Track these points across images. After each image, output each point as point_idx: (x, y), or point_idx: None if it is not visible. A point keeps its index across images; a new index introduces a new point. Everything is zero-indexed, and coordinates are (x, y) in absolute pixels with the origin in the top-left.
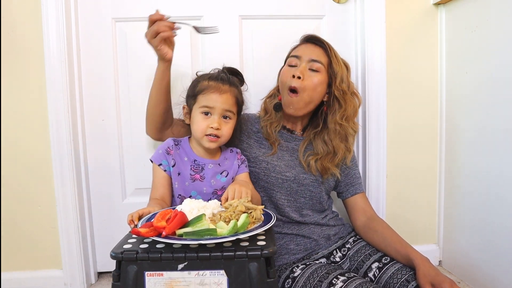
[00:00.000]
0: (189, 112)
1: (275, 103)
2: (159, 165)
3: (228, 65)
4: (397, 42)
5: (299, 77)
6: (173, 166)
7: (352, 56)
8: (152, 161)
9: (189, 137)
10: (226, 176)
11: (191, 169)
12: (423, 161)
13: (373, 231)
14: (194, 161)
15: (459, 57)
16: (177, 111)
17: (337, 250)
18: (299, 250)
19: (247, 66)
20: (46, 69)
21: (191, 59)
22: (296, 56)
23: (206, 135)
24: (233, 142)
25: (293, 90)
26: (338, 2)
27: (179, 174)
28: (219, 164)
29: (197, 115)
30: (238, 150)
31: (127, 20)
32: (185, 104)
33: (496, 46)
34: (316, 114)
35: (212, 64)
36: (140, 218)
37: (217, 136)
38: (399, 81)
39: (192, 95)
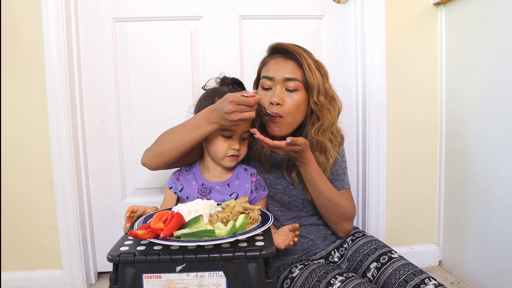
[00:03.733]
0: None
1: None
2: (170, 188)
3: (227, 67)
4: (397, 42)
5: (278, 104)
6: (181, 191)
7: (352, 56)
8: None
9: (200, 161)
10: (235, 199)
11: (198, 192)
12: (423, 162)
13: None
14: (202, 184)
15: (459, 57)
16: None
17: (335, 250)
18: (296, 250)
19: (247, 67)
20: (46, 69)
21: (191, 59)
22: (269, 78)
23: (228, 156)
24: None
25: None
26: (338, 2)
27: (187, 197)
28: (228, 184)
29: (217, 137)
30: (254, 172)
31: (127, 20)
32: None
33: (496, 46)
34: (301, 125)
35: (211, 64)
36: (132, 213)
37: (237, 156)
38: (399, 81)
39: None
